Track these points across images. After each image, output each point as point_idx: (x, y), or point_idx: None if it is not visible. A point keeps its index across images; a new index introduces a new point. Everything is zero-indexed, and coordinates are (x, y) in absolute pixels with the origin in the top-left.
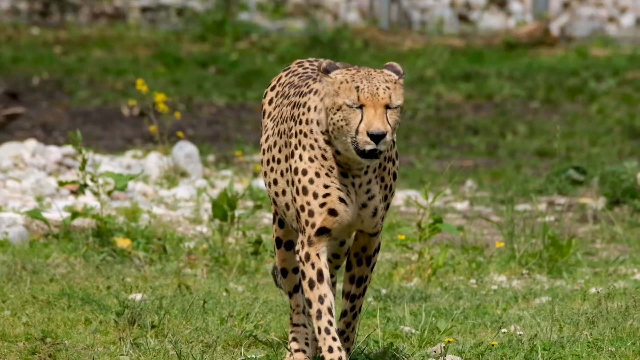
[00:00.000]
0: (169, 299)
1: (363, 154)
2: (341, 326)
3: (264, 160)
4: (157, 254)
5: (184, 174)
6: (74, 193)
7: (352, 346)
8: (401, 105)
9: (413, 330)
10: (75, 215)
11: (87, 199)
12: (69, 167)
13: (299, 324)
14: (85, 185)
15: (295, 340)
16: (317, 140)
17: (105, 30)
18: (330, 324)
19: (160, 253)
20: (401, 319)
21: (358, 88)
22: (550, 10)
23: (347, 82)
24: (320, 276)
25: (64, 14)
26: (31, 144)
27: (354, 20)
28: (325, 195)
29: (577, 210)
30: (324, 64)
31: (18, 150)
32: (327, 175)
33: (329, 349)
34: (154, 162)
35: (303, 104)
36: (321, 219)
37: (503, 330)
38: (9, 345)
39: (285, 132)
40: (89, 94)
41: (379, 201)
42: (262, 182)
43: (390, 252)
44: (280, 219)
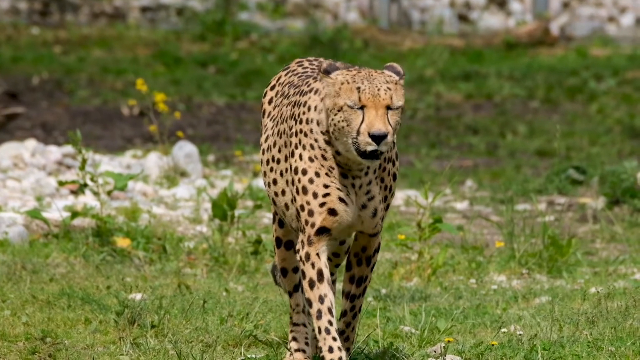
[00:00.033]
0: (169, 299)
1: (364, 154)
2: (341, 326)
3: (263, 160)
4: (157, 253)
5: (183, 174)
6: (74, 193)
7: (352, 346)
8: (402, 106)
9: (413, 330)
10: (75, 215)
11: (87, 199)
12: (69, 167)
13: (299, 324)
14: (85, 185)
15: (295, 340)
16: (317, 140)
17: (105, 30)
18: (330, 323)
19: (160, 253)
20: (401, 318)
21: (359, 89)
22: (550, 10)
23: (348, 83)
24: (320, 276)
25: (63, 13)
26: (31, 143)
27: (353, 20)
28: (325, 195)
29: (577, 210)
30: (325, 64)
31: (18, 150)
32: (327, 175)
33: (329, 348)
34: (153, 161)
35: (303, 103)
36: (321, 218)
37: (503, 330)
38: (9, 345)
39: (285, 131)
40: (88, 94)
41: (379, 202)
42: (261, 182)
43: (390, 251)
44: (280, 218)
